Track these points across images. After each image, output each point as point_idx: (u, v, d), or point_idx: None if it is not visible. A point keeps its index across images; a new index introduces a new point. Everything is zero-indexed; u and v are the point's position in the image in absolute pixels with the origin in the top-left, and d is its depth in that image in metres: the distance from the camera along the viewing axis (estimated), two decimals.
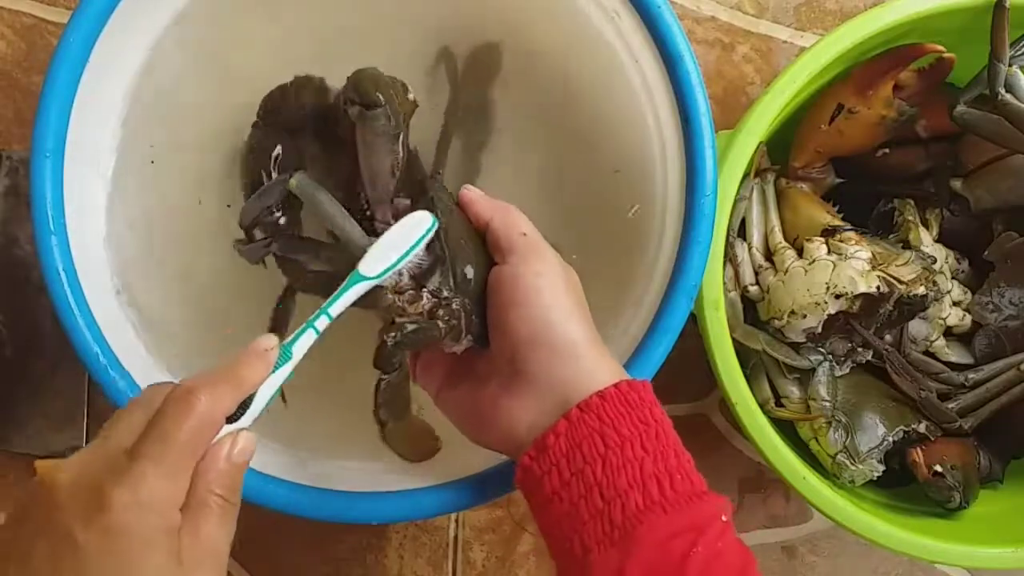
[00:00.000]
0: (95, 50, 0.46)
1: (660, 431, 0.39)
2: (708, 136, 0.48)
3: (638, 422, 0.39)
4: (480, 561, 0.67)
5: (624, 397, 0.39)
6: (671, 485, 0.38)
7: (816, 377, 0.58)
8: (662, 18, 0.48)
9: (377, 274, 0.41)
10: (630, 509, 0.37)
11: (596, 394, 0.39)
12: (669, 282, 0.48)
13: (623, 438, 0.38)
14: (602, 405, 0.39)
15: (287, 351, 0.38)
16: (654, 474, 0.38)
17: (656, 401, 0.40)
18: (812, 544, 0.70)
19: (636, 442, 0.38)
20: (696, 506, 0.37)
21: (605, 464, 0.38)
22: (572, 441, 0.39)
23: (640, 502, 0.37)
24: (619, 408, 0.39)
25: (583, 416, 0.39)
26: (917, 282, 0.56)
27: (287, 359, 0.38)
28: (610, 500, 0.37)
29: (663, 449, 0.39)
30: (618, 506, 0.37)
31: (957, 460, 0.58)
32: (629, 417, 0.39)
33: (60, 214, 0.45)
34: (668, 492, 0.37)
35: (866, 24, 0.54)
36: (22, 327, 0.61)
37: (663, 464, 0.38)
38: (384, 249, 0.41)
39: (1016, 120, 0.55)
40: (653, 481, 0.38)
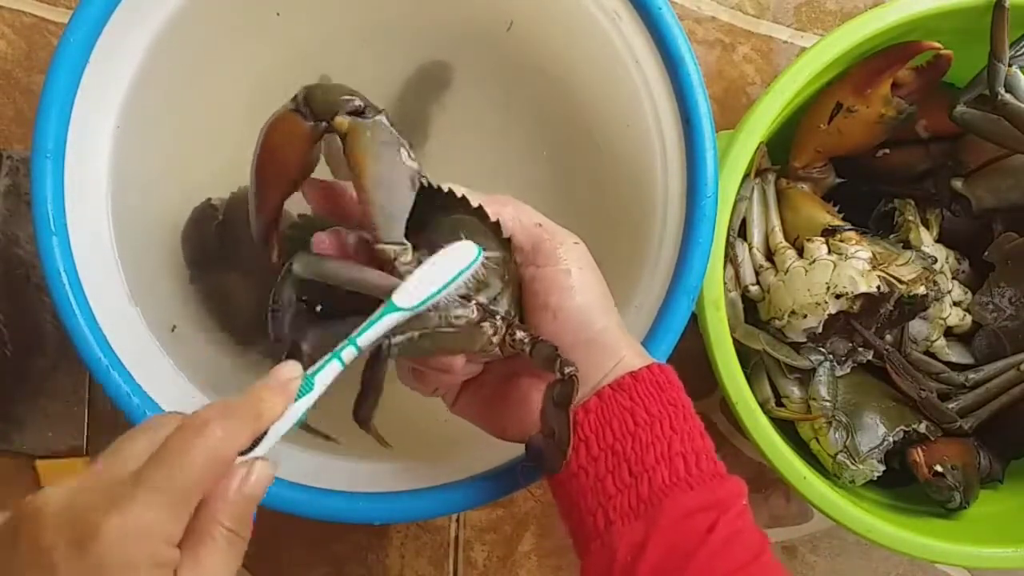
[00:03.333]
0: (96, 50, 0.46)
1: (687, 413, 0.40)
2: (709, 136, 0.48)
3: (667, 403, 0.40)
4: (481, 561, 0.67)
5: (655, 379, 0.40)
6: (697, 464, 0.38)
7: (816, 377, 0.58)
8: (663, 19, 0.48)
9: (413, 305, 0.37)
10: (657, 484, 0.38)
11: (629, 374, 0.40)
12: (670, 282, 0.48)
13: (653, 417, 0.39)
14: (634, 385, 0.40)
15: (309, 382, 0.35)
16: (681, 452, 0.39)
17: (682, 386, 0.41)
18: (812, 544, 0.70)
19: (665, 421, 0.39)
20: (720, 484, 0.38)
21: (635, 440, 0.39)
22: (602, 418, 0.40)
23: (667, 477, 0.38)
24: (650, 389, 0.40)
25: (615, 395, 0.40)
26: (917, 282, 0.56)
27: (309, 390, 0.35)
28: (638, 475, 0.38)
29: (689, 430, 0.39)
30: (645, 481, 0.38)
31: (957, 460, 0.58)
32: (659, 397, 0.40)
33: (61, 214, 0.45)
34: (694, 470, 0.38)
35: (866, 24, 0.54)
36: (23, 326, 0.61)
37: (690, 444, 0.39)
38: (422, 280, 0.38)
39: (1016, 120, 0.55)
40: (680, 459, 0.38)
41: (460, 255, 0.38)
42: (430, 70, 0.54)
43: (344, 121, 0.38)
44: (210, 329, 0.54)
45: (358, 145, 0.38)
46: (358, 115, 0.38)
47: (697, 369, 0.57)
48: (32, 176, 0.45)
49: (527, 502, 0.67)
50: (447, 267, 0.38)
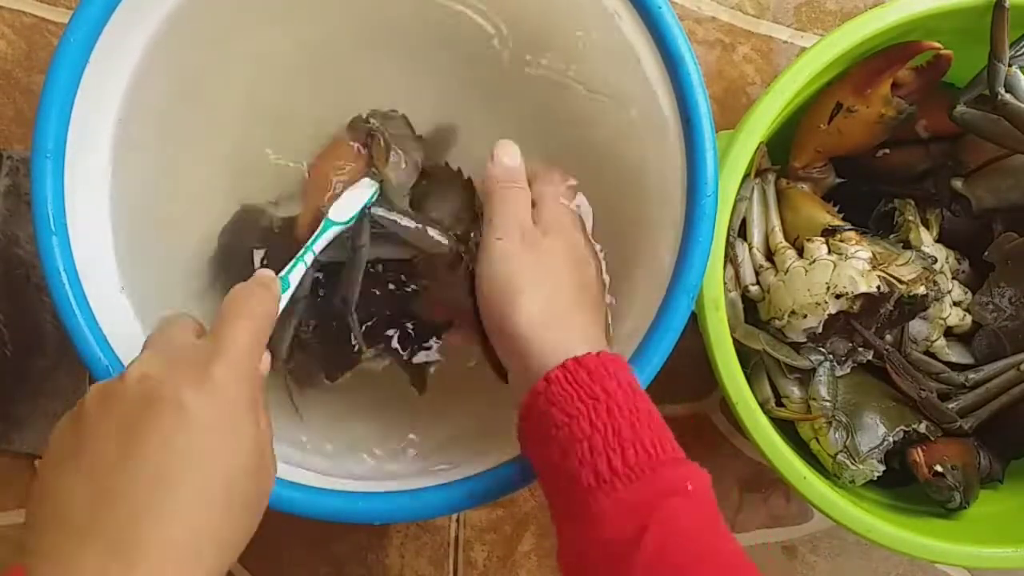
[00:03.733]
0: (96, 50, 0.46)
1: (612, 404, 0.38)
2: (709, 136, 0.48)
3: (586, 398, 0.38)
4: (481, 561, 0.67)
5: (571, 376, 0.39)
6: (622, 460, 0.37)
7: (816, 377, 0.58)
8: (663, 19, 0.48)
9: (345, 220, 0.47)
10: (582, 487, 0.37)
11: (543, 378, 0.40)
12: (670, 282, 0.48)
13: (570, 417, 0.38)
14: (547, 387, 0.39)
15: (285, 279, 0.44)
16: (603, 450, 0.37)
17: (613, 373, 0.40)
18: (812, 544, 0.70)
19: (583, 419, 0.38)
20: (650, 479, 0.37)
21: (556, 444, 0.38)
22: (534, 422, 0.40)
23: (592, 481, 0.37)
24: (565, 387, 0.39)
25: (535, 400, 0.40)
26: (917, 282, 0.56)
27: (286, 286, 0.44)
28: (570, 479, 0.38)
29: (615, 423, 0.38)
30: (576, 486, 0.38)
31: (957, 460, 0.58)
32: (576, 395, 0.39)
33: (61, 214, 0.45)
34: (619, 467, 0.37)
35: (866, 24, 0.54)
36: (23, 326, 0.61)
37: (615, 439, 0.38)
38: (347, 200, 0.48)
39: (1016, 120, 0.55)
40: (603, 457, 0.37)
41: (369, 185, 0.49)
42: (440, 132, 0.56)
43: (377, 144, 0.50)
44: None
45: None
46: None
47: (697, 369, 0.57)
48: (32, 176, 0.45)
49: (527, 502, 0.67)
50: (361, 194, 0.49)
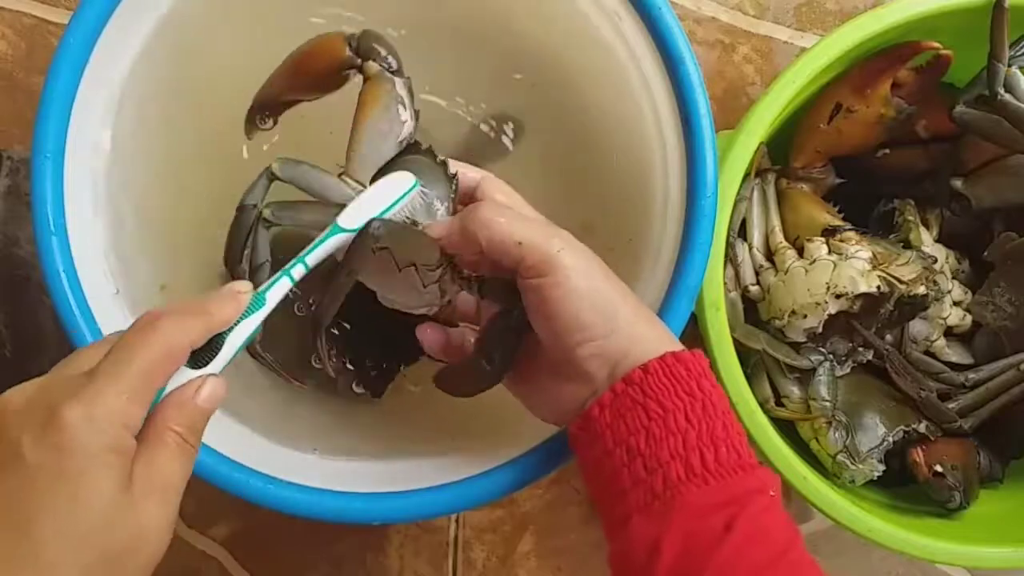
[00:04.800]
0: (95, 50, 0.46)
1: (708, 403, 0.39)
2: (709, 137, 0.48)
3: (683, 394, 0.39)
4: (481, 561, 0.67)
5: (669, 370, 0.39)
6: (715, 457, 0.37)
7: (816, 377, 0.58)
8: (663, 19, 0.48)
9: (356, 227, 0.40)
10: (671, 479, 0.37)
11: (639, 367, 0.39)
12: (670, 282, 0.48)
13: (666, 410, 0.38)
14: (645, 378, 0.39)
15: (261, 297, 0.38)
16: (697, 446, 0.38)
17: (706, 372, 0.40)
18: (812, 544, 0.70)
19: (680, 414, 0.38)
20: (740, 479, 0.37)
21: (648, 435, 0.38)
22: (616, 412, 0.39)
23: (682, 473, 0.37)
24: (663, 381, 0.39)
25: (627, 389, 0.39)
26: (917, 282, 0.56)
27: (260, 305, 0.37)
28: (652, 471, 0.38)
29: (709, 420, 0.38)
30: (659, 476, 0.37)
31: (957, 460, 0.58)
32: (674, 389, 0.39)
33: (60, 214, 0.45)
34: (711, 464, 0.37)
35: (866, 25, 0.54)
36: (22, 327, 0.61)
37: (708, 436, 0.38)
38: (364, 203, 0.41)
39: (1015, 120, 0.55)
40: (696, 453, 0.37)
41: (398, 183, 0.41)
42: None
43: (374, 67, 0.43)
44: None
45: (373, 91, 0.43)
46: (389, 70, 0.43)
47: None
48: (32, 176, 0.45)
49: (527, 502, 0.67)
50: (386, 193, 0.41)
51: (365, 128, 0.43)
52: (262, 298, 0.38)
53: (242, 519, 0.65)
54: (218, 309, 0.36)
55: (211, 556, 0.65)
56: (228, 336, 0.36)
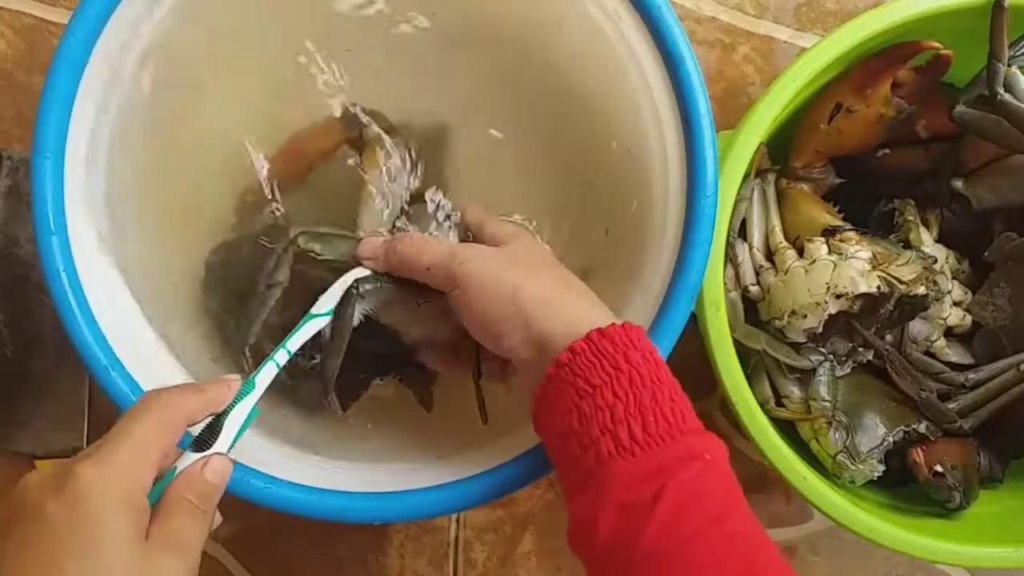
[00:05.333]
0: (96, 50, 0.46)
1: (635, 374, 0.39)
2: (709, 137, 0.48)
3: (610, 368, 0.39)
4: (481, 561, 0.67)
5: (595, 347, 0.40)
6: (643, 428, 0.38)
7: (817, 377, 0.58)
8: (663, 19, 0.48)
9: (325, 311, 0.46)
10: (602, 455, 0.38)
11: (567, 349, 0.40)
12: (670, 282, 0.48)
13: (593, 387, 0.39)
14: (573, 359, 0.40)
15: (250, 383, 0.42)
16: (625, 418, 0.38)
17: (634, 343, 0.40)
18: (812, 544, 0.70)
19: (607, 389, 0.39)
20: (668, 447, 0.38)
21: (580, 413, 0.39)
22: (554, 395, 0.40)
23: (612, 448, 0.38)
24: (590, 359, 0.40)
25: (558, 372, 0.40)
26: (917, 282, 0.56)
27: (250, 389, 0.41)
28: (586, 448, 0.39)
29: (636, 392, 0.39)
30: (592, 454, 0.38)
31: (957, 460, 0.58)
32: (600, 365, 0.39)
33: (61, 214, 0.45)
34: (639, 435, 0.38)
35: (866, 25, 0.54)
36: (23, 327, 0.61)
37: (636, 407, 0.38)
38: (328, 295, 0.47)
39: (1015, 120, 0.55)
40: (624, 425, 0.38)
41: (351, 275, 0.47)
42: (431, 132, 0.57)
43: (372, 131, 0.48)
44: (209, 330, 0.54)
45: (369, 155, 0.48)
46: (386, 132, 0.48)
47: (697, 369, 0.57)
48: (32, 176, 0.45)
49: (527, 502, 0.67)
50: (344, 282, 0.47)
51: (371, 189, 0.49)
52: (251, 383, 0.42)
53: (242, 519, 0.65)
54: (213, 389, 0.40)
55: (212, 556, 0.65)
56: (226, 420, 0.40)
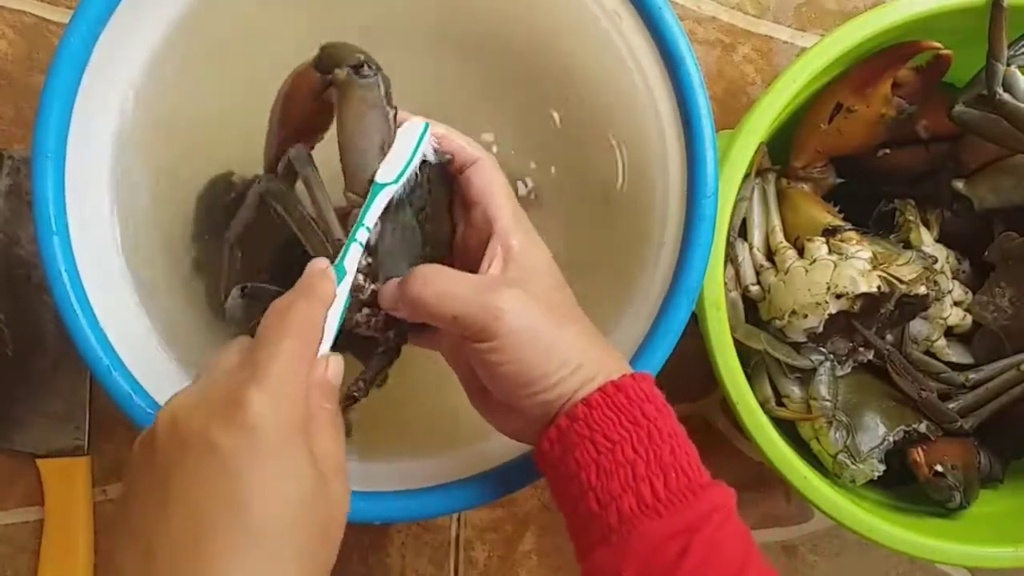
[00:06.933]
0: (96, 50, 0.46)
1: (652, 428, 0.39)
2: (709, 137, 0.48)
3: (628, 423, 0.38)
4: (482, 560, 0.67)
5: (610, 400, 0.39)
6: (664, 485, 0.38)
7: (817, 377, 0.58)
8: (663, 19, 0.48)
9: (394, 178, 0.41)
10: (624, 513, 0.37)
11: (582, 402, 0.39)
12: (670, 282, 0.48)
13: (613, 443, 0.38)
14: (589, 413, 0.39)
15: (340, 268, 0.40)
16: (646, 476, 0.38)
17: (648, 396, 0.40)
18: (812, 544, 0.70)
19: (627, 444, 0.38)
20: (690, 504, 0.37)
21: (599, 469, 0.38)
22: (564, 447, 0.39)
23: (634, 505, 0.37)
24: (606, 413, 0.39)
25: (572, 425, 0.39)
26: (918, 282, 0.56)
27: (342, 275, 0.39)
28: (605, 504, 0.38)
29: (656, 448, 0.38)
30: (613, 510, 0.38)
31: (958, 460, 0.58)
32: (618, 420, 0.39)
33: (61, 214, 0.45)
34: (662, 493, 0.37)
35: (866, 24, 0.54)
36: (23, 326, 0.61)
37: (656, 464, 0.38)
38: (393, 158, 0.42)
39: (1014, 119, 0.55)
40: (646, 483, 0.38)
41: (414, 129, 0.43)
42: None
43: (341, 74, 0.41)
44: (212, 328, 0.54)
45: (346, 100, 0.41)
46: (356, 72, 0.41)
47: (697, 369, 0.57)
48: (33, 176, 0.45)
49: (528, 502, 0.67)
50: (408, 140, 0.42)
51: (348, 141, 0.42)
52: (341, 268, 0.40)
53: None
54: (321, 287, 0.38)
55: None
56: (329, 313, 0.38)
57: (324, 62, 0.42)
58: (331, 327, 0.38)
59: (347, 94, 0.41)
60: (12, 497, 0.63)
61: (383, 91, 0.42)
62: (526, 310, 0.39)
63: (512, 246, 0.42)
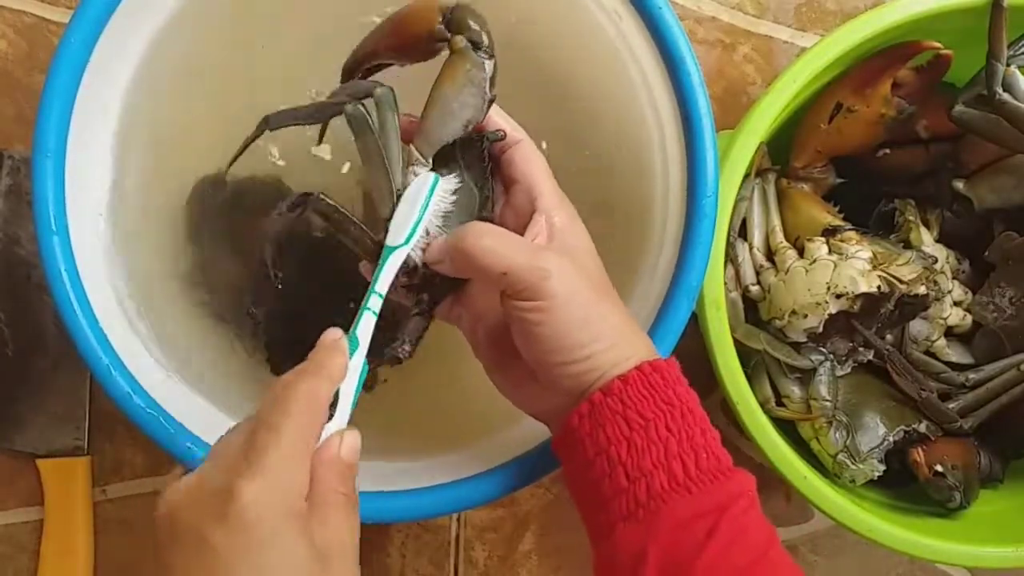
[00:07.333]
0: (96, 49, 0.46)
1: (685, 410, 0.39)
2: (709, 137, 0.48)
3: (662, 403, 0.39)
4: (482, 560, 0.67)
5: (647, 380, 0.39)
6: (696, 464, 0.38)
7: (817, 377, 0.58)
8: (663, 19, 0.48)
9: (405, 239, 0.41)
10: (655, 489, 0.38)
11: (618, 378, 0.39)
12: (671, 282, 0.48)
13: (647, 420, 0.39)
14: (625, 389, 0.39)
15: (353, 338, 0.39)
16: (679, 454, 0.38)
17: (681, 379, 0.40)
18: (813, 543, 0.70)
19: (660, 423, 0.39)
20: (721, 484, 0.38)
21: (631, 445, 0.38)
22: (596, 422, 0.39)
23: (665, 483, 0.38)
24: (641, 391, 0.39)
25: (605, 399, 0.39)
26: (918, 282, 0.56)
27: (356, 346, 0.38)
28: (635, 479, 0.38)
29: (688, 428, 0.39)
30: (643, 485, 0.38)
31: (958, 460, 0.58)
32: (652, 399, 0.39)
33: (62, 213, 0.45)
34: (693, 472, 0.38)
35: (866, 25, 0.54)
36: (23, 326, 0.61)
37: (688, 444, 0.38)
38: (401, 217, 0.42)
39: (1014, 119, 0.55)
40: (678, 461, 0.38)
41: (422, 185, 0.42)
42: None
43: (460, 42, 0.42)
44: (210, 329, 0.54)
45: (453, 68, 0.42)
46: (476, 48, 0.42)
47: (697, 369, 0.57)
48: (33, 176, 0.45)
49: (528, 502, 0.67)
50: (416, 199, 0.42)
51: (437, 103, 0.42)
52: (355, 339, 0.39)
53: None
54: (331, 362, 0.37)
55: None
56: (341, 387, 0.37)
57: (454, 20, 0.42)
58: (346, 402, 0.37)
59: (457, 63, 0.42)
60: (12, 497, 0.63)
61: (489, 75, 0.42)
62: (571, 279, 0.40)
63: (555, 223, 0.42)
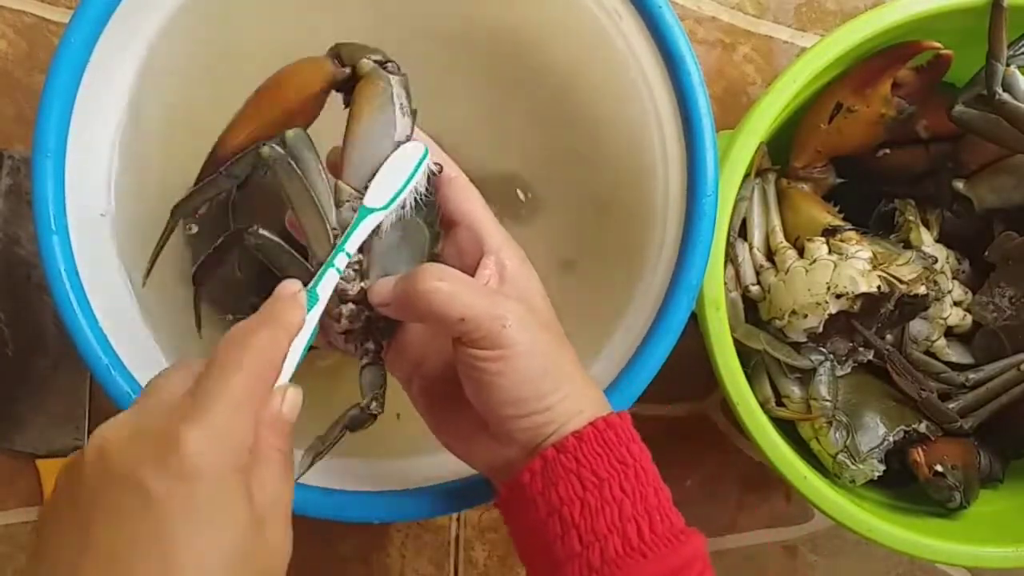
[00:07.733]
0: (96, 49, 0.46)
1: (639, 468, 0.38)
2: (709, 136, 0.48)
3: (616, 462, 0.38)
4: (482, 560, 0.67)
5: (601, 436, 0.38)
6: (650, 527, 0.37)
7: (817, 377, 0.58)
8: (663, 19, 0.48)
9: (385, 204, 0.40)
10: (609, 555, 0.36)
11: (573, 435, 0.38)
12: (670, 282, 0.48)
13: (601, 479, 0.37)
14: (579, 446, 0.38)
15: (313, 294, 0.37)
16: (633, 516, 0.37)
17: (634, 436, 0.39)
18: (813, 544, 0.70)
19: (615, 483, 0.37)
20: (675, 548, 0.37)
21: (584, 505, 0.37)
22: (547, 480, 0.38)
23: (620, 547, 0.36)
24: (596, 449, 0.38)
25: (559, 456, 0.38)
26: (918, 282, 0.56)
27: (314, 302, 0.37)
28: (588, 544, 0.37)
29: (642, 488, 0.38)
30: (596, 550, 0.37)
31: (958, 460, 0.58)
32: (607, 457, 0.38)
33: (61, 213, 0.45)
34: (647, 535, 0.37)
35: (866, 25, 0.54)
36: (23, 326, 0.61)
37: (642, 505, 0.37)
38: (384, 180, 0.40)
39: (1014, 119, 0.55)
40: (632, 524, 0.37)
41: (412, 153, 0.41)
42: None
43: (368, 64, 0.41)
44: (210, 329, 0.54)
45: (368, 90, 0.41)
46: (383, 66, 0.41)
47: (697, 369, 0.57)
48: (33, 176, 0.45)
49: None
50: (403, 166, 0.40)
51: (358, 132, 0.40)
52: (314, 295, 0.37)
53: None
54: (288, 315, 0.35)
55: None
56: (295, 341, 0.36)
57: (345, 55, 0.41)
58: (293, 358, 0.36)
59: (368, 87, 0.41)
60: (12, 497, 0.63)
61: (405, 88, 0.41)
62: (530, 326, 0.38)
63: (506, 265, 0.41)
